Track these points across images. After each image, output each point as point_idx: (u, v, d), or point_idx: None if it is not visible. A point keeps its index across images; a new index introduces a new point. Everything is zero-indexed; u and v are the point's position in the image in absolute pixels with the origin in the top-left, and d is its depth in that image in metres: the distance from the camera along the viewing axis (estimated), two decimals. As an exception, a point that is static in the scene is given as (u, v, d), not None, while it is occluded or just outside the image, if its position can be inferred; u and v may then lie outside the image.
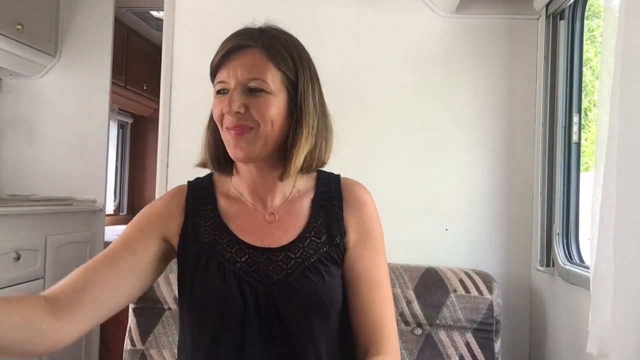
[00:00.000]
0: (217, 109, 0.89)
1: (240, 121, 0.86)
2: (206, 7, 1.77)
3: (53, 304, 0.79)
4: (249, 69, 0.87)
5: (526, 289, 1.68)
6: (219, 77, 0.89)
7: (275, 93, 0.87)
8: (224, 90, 0.89)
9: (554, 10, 1.57)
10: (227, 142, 0.89)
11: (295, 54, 0.91)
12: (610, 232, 0.93)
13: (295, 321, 0.88)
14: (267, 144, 0.87)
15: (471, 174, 1.71)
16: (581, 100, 1.52)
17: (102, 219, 2.78)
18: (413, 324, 1.48)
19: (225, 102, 0.86)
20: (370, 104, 1.74)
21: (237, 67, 0.87)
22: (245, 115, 0.86)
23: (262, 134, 0.87)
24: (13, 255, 2.10)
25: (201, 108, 1.01)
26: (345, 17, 1.74)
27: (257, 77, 0.87)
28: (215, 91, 0.90)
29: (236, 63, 0.88)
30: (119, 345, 1.58)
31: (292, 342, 0.88)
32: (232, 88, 0.87)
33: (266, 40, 0.90)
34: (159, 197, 1.01)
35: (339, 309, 0.90)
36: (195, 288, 0.90)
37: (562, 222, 1.53)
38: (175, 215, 0.94)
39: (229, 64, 0.88)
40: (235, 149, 0.87)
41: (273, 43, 0.90)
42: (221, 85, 0.89)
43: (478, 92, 1.71)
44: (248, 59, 0.88)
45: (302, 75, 0.90)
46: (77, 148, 2.73)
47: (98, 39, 2.75)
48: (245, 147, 0.86)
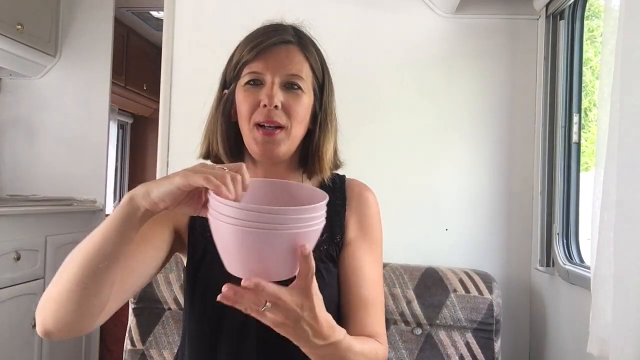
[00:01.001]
0: (250, 100, 0.87)
1: (275, 117, 0.85)
2: (206, 7, 1.77)
3: None
4: (290, 64, 0.88)
5: (526, 289, 1.68)
6: (252, 68, 0.88)
7: (307, 92, 0.89)
8: (256, 81, 0.88)
9: (554, 10, 1.57)
10: (254, 139, 0.87)
11: (322, 57, 0.94)
12: (610, 232, 0.93)
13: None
14: (293, 143, 0.89)
15: (471, 174, 1.71)
16: (581, 100, 1.52)
17: (102, 219, 2.77)
18: (413, 323, 1.48)
19: (263, 95, 0.86)
20: (370, 104, 1.74)
21: (278, 61, 0.87)
22: (280, 112, 0.86)
23: (292, 134, 0.87)
24: (13, 255, 2.10)
25: (201, 108, 1.00)
26: (345, 17, 1.74)
27: (297, 74, 0.88)
28: (245, 82, 0.88)
29: (276, 57, 0.88)
30: (119, 345, 1.58)
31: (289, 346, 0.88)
32: (271, 81, 0.87)
33: (302, 39, 0.92)
34: None
35: (335, 306, 0.91)
36: (198, 282, 0.90)
37: (562, 222, 1.53)
38: None
39: (268, 56, 0.88)
40: (264, 147, 0.86)
41: (307, 44, 0.92)
42: (254, 76, 0.88)
43: (478, 93, 1.71)
44: (289, 54, 0.89)
45: (327, 78, 0.94)
46: (77, 148, 2.73)
47: (98, 39, 2.75)
48: (275, 148, 0.86)
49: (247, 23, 0.96)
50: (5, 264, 2.06)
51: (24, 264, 2.16)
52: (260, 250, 0.62)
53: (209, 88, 0.98)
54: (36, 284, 2.23)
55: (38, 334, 0.76)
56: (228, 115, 0.92)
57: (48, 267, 2.31)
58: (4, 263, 2.06)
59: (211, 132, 0.95)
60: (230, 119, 0.93)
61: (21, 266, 2.15)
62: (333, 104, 0.96)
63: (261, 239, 0.60)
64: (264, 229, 0.60)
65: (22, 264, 2.15)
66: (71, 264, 0.72)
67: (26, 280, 2.18)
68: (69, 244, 2.48)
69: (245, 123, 0.88)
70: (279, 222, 0.60)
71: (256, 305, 0.63)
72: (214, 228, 0.65)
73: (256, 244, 0.61)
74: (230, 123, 0.93)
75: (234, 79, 0.91)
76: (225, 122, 0.92)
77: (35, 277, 2.24)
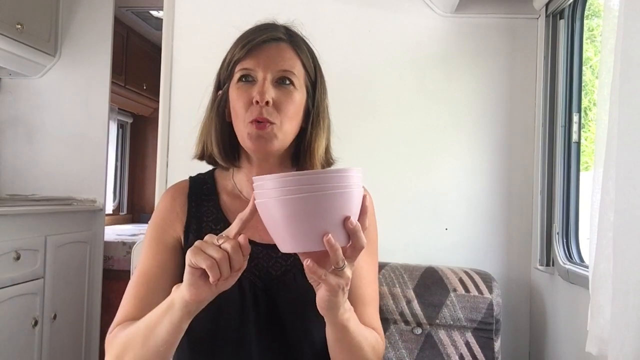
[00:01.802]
0: (243, 97, 0.88)
1: (266, 114, 0.86)
2: (206, 7, 1.77)
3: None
4: (282, 60, 0.89)
5: (526, 288, 1.68)
6: (244, 65, 0.89)
7: (299, 89, 0.90)
8: (247, 78, 0.89)
9: (553, 10, 1.57)
10: (248, 135, 0.87)
11: (314, 55, 0.95)
12: (609, 231, 0.93)
13: (292, 318, 0.89)
14: (285, 139, 0.89)
15: (471, 174, 1.71)
16: (581, 100, 1.52)
17: (102, 218, 2.78)
18: (413, 323, 1.49)
19: (255, 91, 0.86)
20: (369, 103, 1.74)
21: (269, 58, 0.88)
22: (271, 108, 0.87)
23: (282, 129, 0.88)
24: (13, 255, 2.10)
25: (201, 107, 1.00)
26: (345, 16, 1.74)
27: (288, 69, 0.89)
28: (237, 78, 0.90)
29: (267, 53, 0.89)
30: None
31: (288, 337, 0.89)
32: (263, 78, 0.87)
33: (293, 37, 0.93)
34: (162, 199, 0.99)
35: None
36: None
37: (561, 221, 1.53)
38: (181, 214, 0.95)
39: (259, 53, 0.89)
40: (258, 142, 0.87)
41: (299, 42, 0.93)
42: (245, 72, 0.89)
43: (478, 92, 1.71)
44: (280, 51, 0.90)
45: (319, 76, 0.95)
46: (77, 148, 2.73)
47: (98, 39, 2.75)
48: (267, 142, 0.87)
49: (246, 23, 0.96)
50: (5, 264, 2.06)
51: (23, 263, 2.16)
52: (308, 215, 0.66)
53: (209, 87, 0.98)
54: (36, 284, 2.23)
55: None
56: (222, 116, 0.93)
57: (48, 267, 2.31)
58: (4, 263, 2.06)
59: (206, 132, 0.95)
60: (225, 119, 0.93)
61: (21, 266, 2.15)
62: (326, 101, 0.97)
63: (307, 202, 0.65)
64: (307, 192, 0.64)
65: (22, 263, 2.15)
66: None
67: (26, 280, 2.18)
68: (69, 243, 2.49)
69: (240, 120, 0.89)
70: (318, 182, 0.65)
71: (336, 264, 0.69)
72: (262, 212, 0.70)
73: (303, 208, 0.65)
74: (225, 123, 0.93)
75: (227, 79, 0.92)
76: (220, 122, 0.93)
77: (35, 276, 2.24)
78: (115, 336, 0.83)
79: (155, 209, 0.98)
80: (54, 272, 2.34)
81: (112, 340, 0.84)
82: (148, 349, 0.77)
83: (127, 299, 0.89)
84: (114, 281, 2.89)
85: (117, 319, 0.88)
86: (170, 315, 0.75)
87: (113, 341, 0.83)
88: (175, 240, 0.93)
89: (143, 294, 0.88)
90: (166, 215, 0.95)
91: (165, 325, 0.75)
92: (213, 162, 0.98)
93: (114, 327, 0.87)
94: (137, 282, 0.90)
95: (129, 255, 3.04)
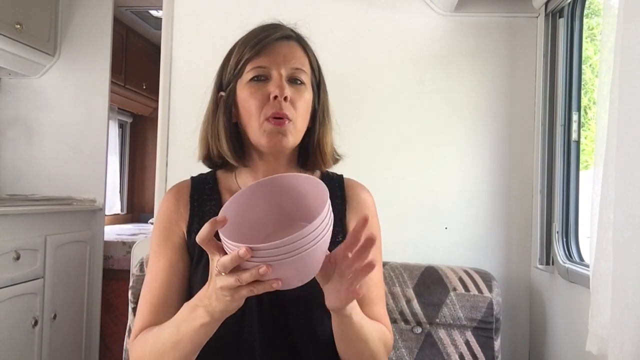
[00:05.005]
0: (257, 95, 0.88)
1: (285, 109, 0.87)
2: (205, 6, 1.77)
3: None
4: (294, 59, 0.90)
5: (526, 287, 1.68)
6: (257, 63, 0.89)
7: (308, 88, 0.92)
8: (260, 77, 0.89)
9: (553, 9, 1.57)
10: (265, 131, 0.87)
11: (315, 55, 0.97)
12: (609, 230, 0.93)
13: (295, 316, 0.89)
14: (298, 136, 0.91)
15: (471, 173, 1.71)
16: (580, 98, 1.52)
17: (101, 218, 2.78)
18: (413, 322, 1.49)
19: (273, 87, 0.87)
20: (369, 103, 1.73)
21: (283, 55, 0.89)
22: (288, 104, 0.88)
23: (297, 127, 0.89)
24: (13, 255, 2.10)
25: (200, 107, 1.00)
26: (345, 16, 1.74)
27: (300, 68, 0.90)
28: (249, 78, 0.89)
29: (280, 51, 0.89)
30: (119, 344, 1.58)
31: (291, 336, 0.89)
32: (278, 74, 0.88)
33: (300, 36, 0.95)
34: (164, 199, 0.99)
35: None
36: (195, 285, 0.90)
37: (561, 220, 1.53)
38: (184, 214, 0.95)
39: (272, 51, 0.89)
40: (274, 138, 0.87)
41: (306, 41, 0.96)
42: (260, 71, 0.89)
43: (477, 91, 1.71)
44: (291, 49, 0.91)
45: (321, 75, 0.98)
46: (77, 148, 2.73)
47: (97, 39, 2.75)
48: (283, 138, 0.88)
49: (246, 22, 0.96)
50: (5, 264, 2.06)
51: (23, 263, 2.16)
52: (292, 270, 0.67)
53: (208, 87, 0.98)
54: (36, 284, 2.23)
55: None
56: (229, 115, 0.93)
57: (48, 267, 2.31)
58: (4, 263, 2.06)
59: (210, 134, 0.94)
60: (232, 120, 0.93)
61: (21, 266, 2.15)
62: (329, 100, 0.99)
63: (295, 262, 0.66)
64: (287, 257, 0.65)
65: (21, 263, 2.15)
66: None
67: (26, 280, 2.18)
68: (69, 243, 2.49)
69: (254, 119, 0.88)
70: (298, 247, 0.65)
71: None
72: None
73: (293, 267, 0.67)
74: (231, 123, 0.93)
75: (234, 79, 0.91)
76: (228, 122, 0.93)
77: (35, 276, 2.23)
78: (145, 342, 0.85)
79: (158, 210, 0.98)
80: (53, 272, 2.34)
81: (139, 346, 0.85)
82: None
83: (144, 306, 0.90)
84: (114, 281, 2.90)
85: (136, 327, 0.89)
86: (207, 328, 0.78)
87: (143, 348, 0.85)
88: (181, 238, 0.94)
89: (158, 298, 0.89)
90: (171, 215, 0.95)
91: (197, 330, 0.78)
92: (215, 164, 0.98)
93: (135, 335, 0.88)
94: (151, 288, 0.91)
95: (128, 255, 3.04)
